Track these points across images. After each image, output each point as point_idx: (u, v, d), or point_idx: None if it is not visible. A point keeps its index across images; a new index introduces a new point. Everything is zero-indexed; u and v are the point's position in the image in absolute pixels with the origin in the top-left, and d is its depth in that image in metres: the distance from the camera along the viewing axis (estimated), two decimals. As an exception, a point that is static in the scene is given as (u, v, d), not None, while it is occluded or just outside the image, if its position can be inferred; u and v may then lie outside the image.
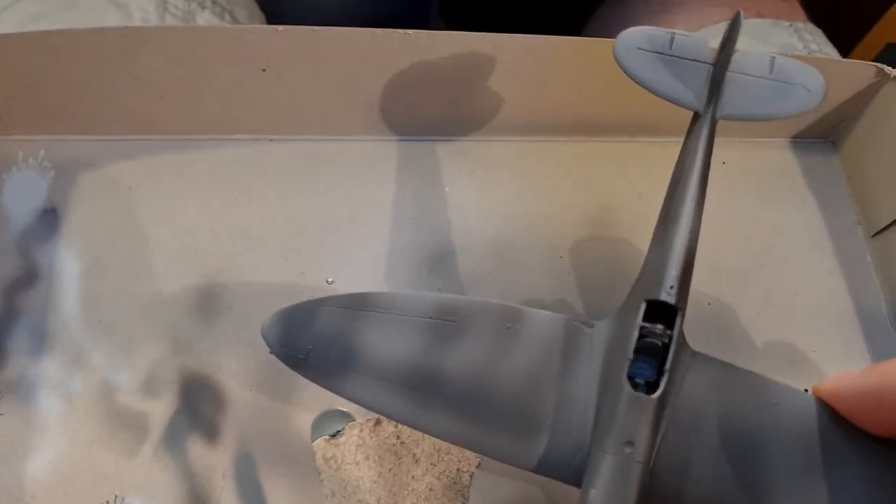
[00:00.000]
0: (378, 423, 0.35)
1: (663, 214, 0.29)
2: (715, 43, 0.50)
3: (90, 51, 0.36)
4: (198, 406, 0.34)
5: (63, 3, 0.43)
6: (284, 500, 0.33)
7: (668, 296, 0.25)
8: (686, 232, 0.27)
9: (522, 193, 0.42)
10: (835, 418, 0.25)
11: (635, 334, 0.25)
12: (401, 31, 0.37)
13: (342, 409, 0.35)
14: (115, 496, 0.32)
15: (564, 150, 0.44)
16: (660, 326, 0.25)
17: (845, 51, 0.67)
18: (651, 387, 0.25)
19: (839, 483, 0.24)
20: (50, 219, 0.37)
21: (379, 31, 0.37)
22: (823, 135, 0.47)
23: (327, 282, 0.38)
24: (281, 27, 0.36)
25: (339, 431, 0.35)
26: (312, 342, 0.27)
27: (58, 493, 0.32)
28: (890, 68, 0.42)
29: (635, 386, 0.24)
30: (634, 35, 0.31)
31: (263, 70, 0.38)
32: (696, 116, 0.30)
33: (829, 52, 0.53)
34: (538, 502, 0.35)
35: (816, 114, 0.45)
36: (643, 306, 0.25)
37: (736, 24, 0.30)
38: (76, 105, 0.38)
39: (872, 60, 0.69)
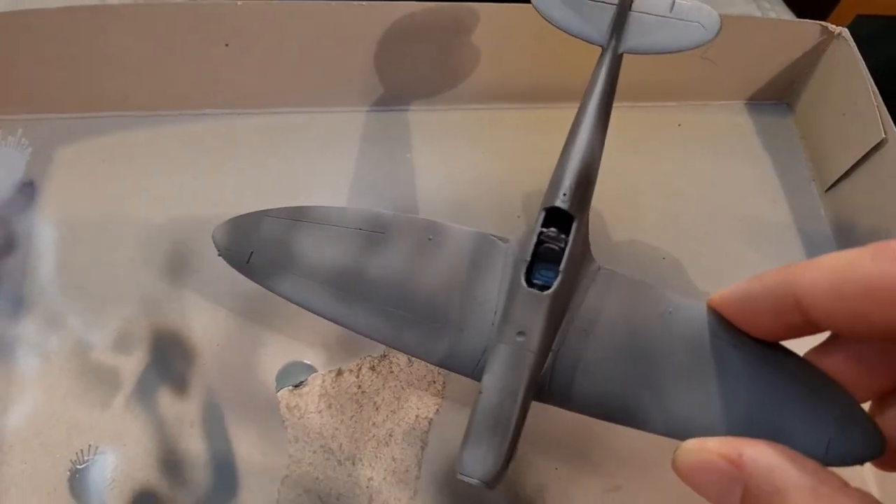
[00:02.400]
0: (339, 373, 0.37)
1: (567, 137, 0.31)
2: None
3: (62, 29, 0.38)
4: (168, 361, 0.36)
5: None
6: (250, 447, 0.35)
7: (562, 202, 0.27)
8: (582, 147, 0.29)
9: (481, 159, 0.44)
10: (723, 324, 0.26)
11: (534, 239, 0.27)
12: (356, 2, 0.39)
13: (305, 361, 0.37)
14: (89, 445, 0.34)
15: (521, 116, 0.45)
16: (554, 230, 0.27)
17: (814, 23, 0.68)
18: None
19: (723, 381, 0.26)
20: (28, 191, 0.39)
21: (335, 3, 0.39)
22: (778, 96, 0.48)
23: (291, 243, 0.39)
24: (240, 1, 0.38)
25: (302, 382, 0.36)
26: (255, 246, 0.31)
27: (35, 444, 0.34)
28: (834, 26, 0.43)
29: (535, 287, 0.27)
30: None
31: (227, 45, 0.40)
32: (603, 51, 0.33)
33: (788, 18, 0.54)
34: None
35: (769, 75, 0.47)
36: (542, 214, 0.28)
37: None
38: (51, 84, 0.40)
39: (842, 32, 0.70)
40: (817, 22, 0.44)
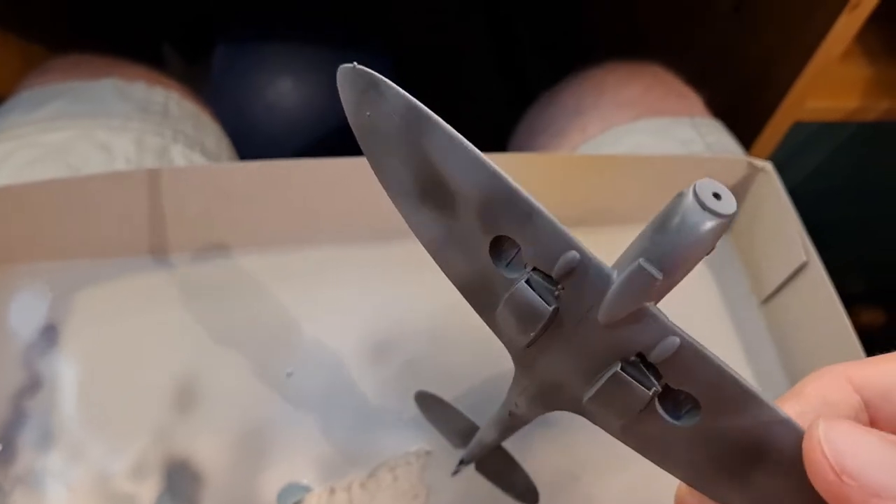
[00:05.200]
0: (333, 491, 0.41)
1: None
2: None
3: (77, 194, 0.43)
4: (180, 485, 0.41)
5: (55, 149, 0.50)
6: (255, 564, 0.39)
7: None
8: None
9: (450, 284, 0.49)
10: None
11: None
12: (341, 158, 0.45)
13: (303, 482, 0.41)
14: (111, 568, 0.38)
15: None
16: None
17: (755, 132, 0.75)
18: None
19: None
20: (50, 334, 0.44)
21: (321, 159, 0.45)
22: (717, 217, 0.54)
23: (287, 374, 0.44)
24: (240, 163, 0.44)
25: (298, 501, 0.41)
26: None
27: (62, 569, 0.38)
28: (758, 161, 0.50)
29: None
30: None
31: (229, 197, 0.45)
32: None
33: (726, 141, 0.61)
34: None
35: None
36: None
37: None
38: (69, 236, 0.45)
39: (782, 139, 0.77)
40: (742, 158, 0.50)
